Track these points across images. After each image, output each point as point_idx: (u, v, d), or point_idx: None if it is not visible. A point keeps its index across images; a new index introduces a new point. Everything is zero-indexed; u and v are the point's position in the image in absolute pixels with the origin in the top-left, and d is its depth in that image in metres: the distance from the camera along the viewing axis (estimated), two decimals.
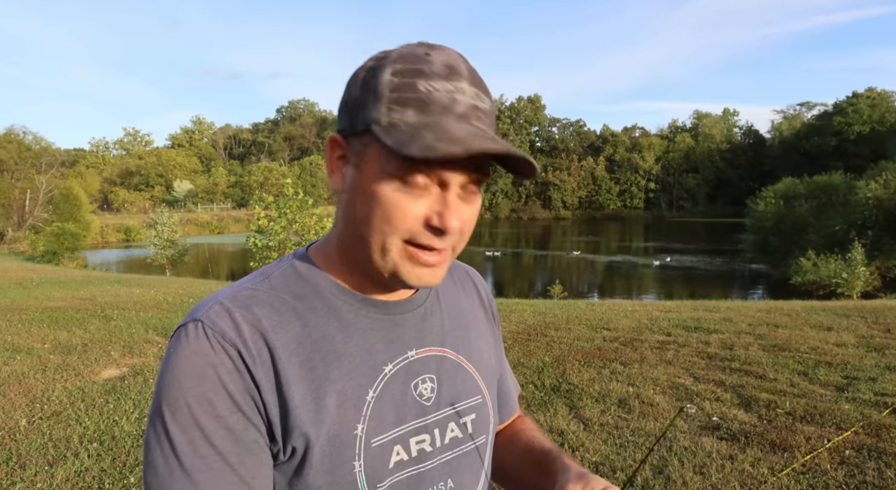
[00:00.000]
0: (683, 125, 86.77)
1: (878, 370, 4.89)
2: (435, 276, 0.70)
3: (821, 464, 3.22)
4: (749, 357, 5.38)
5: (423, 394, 0.76)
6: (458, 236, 0.68)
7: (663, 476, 3.11)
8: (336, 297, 0.74)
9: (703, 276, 26.24)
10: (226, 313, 0.68)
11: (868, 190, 25.75)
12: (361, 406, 0.71)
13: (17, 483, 3.12)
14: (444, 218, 0.64)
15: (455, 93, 0.64)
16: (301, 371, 0.68)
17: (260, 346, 0.67)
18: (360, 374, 0.72)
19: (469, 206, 0.68)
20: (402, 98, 0.63)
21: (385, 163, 0.64)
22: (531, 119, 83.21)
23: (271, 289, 0.73)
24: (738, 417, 3.92)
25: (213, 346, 0.66)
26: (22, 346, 6.22)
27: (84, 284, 12.58)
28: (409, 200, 0.64)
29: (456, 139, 0.60)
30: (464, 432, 0.80)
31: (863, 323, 6.79)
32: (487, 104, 0.67)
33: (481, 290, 0.95)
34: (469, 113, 0.64)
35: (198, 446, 0.64)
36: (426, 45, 0.68)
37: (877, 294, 16.48)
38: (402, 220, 0.65)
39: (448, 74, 0.64)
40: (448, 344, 0.82)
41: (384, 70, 0.65)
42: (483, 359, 0.86)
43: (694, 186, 79.64)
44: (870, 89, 68.25)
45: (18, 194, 38.78)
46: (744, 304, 9.27)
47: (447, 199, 0.65)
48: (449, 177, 0.64)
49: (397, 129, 0.62)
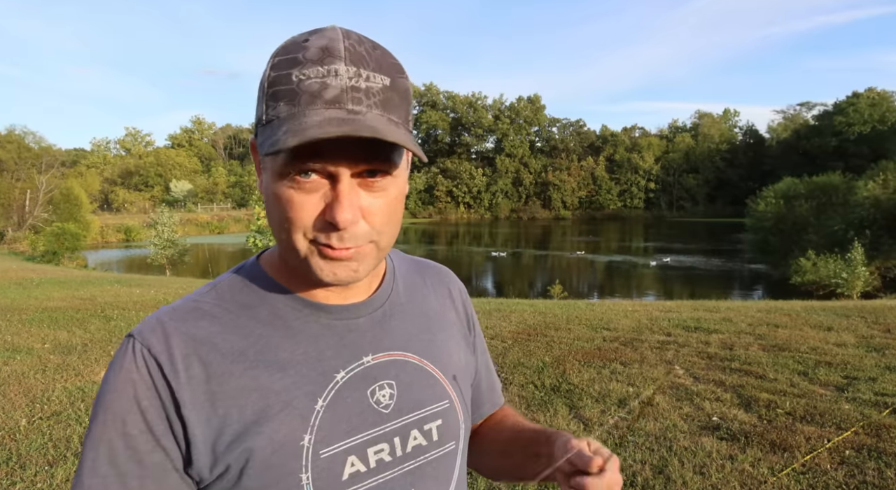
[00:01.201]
0: (683, 125, 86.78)
1: (878, 370, 4.89)
2: (352, 272, 0.66)
3: (821, 464, 3.22)
4: (749, 357, 5.38)
5: (381, 401, 0.73)
6: (367, 231, 0.64)
7: (663, 476, 3.12)
8: (283, 305, 0.71)
9: (703, 276, 26.23)
10: (159, 327, 0.67)
11: (867, 190, 25.77)
12: (309, 416, 0.67)
13: (17, 483, 3.12)
14: (334, 210, 0.61)
15: (327, 77, 0.59)
16: (241, 382, 0.66)
17: (191, 362, 0.65)
18: (307, 383, 0.69)
19: (375, 195, 0.64)
20: (276, 92, 0.61)
21: (273, 162, 0.62)
22: (531, 119, 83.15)
23: (216, 299, 0.71)
24: (738, 417, 3.92)
25: (136, 362, 0.64)
26: (22, 346, 6.22)
27: (84, 284, 12.58)
28: (301, 195, 0.62)
29: (300, 130, 0.56)
30: (428, 440, 0.76)
31: (863, 323, 6.79)
32: (379, 82, 0.62)
33: (454, 291, 0.91)
34: (342, 96, 0.59)
35: (99, 465, 0.63)
36: (315, 30, 0.64)
37: (877, 294, 16.47)
38: (298, 216, 0.62)
39: (321, 58, 0.60)
40: (411, 348, 0.78)
41: (268, 64, 0.63)
42: (452, 362, 0.83)
43: (694, 186, 79.62)
44: (870, 89, 68.25)
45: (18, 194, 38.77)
46: (744, 304, 9.27)
47: (337, 190, 0.61)
48: (333, 168, 0.61)
49: (269, 130, 0.60)
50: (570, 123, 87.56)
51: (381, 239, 0.67)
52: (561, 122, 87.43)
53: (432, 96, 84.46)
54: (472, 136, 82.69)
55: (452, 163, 79.88)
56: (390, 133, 0.59)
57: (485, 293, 20.68)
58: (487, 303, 9.61)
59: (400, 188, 0.67)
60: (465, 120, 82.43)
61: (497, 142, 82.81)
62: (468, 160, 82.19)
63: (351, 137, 0.56)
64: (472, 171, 79.10)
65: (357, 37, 0.63)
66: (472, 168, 79.66)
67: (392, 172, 0.64)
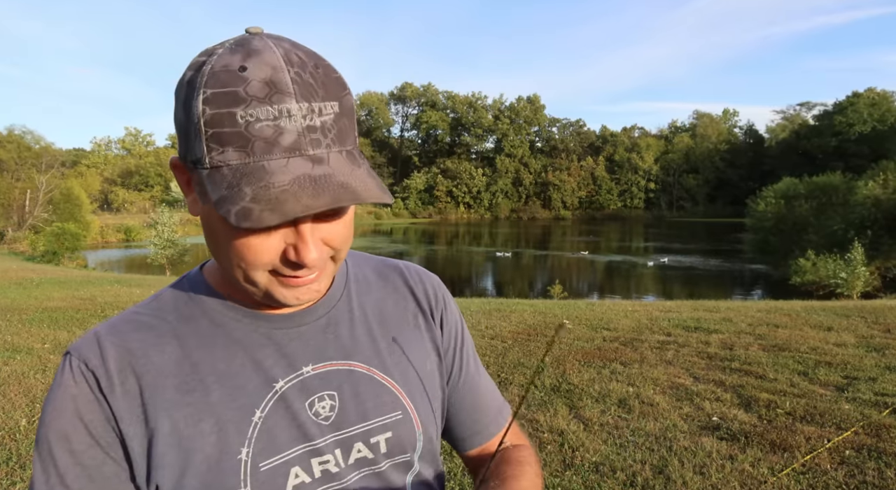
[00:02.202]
0: (682, 125, 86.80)
1: (878, 370, 4.89)
2: (317, 293, 0.66)
3: (821, 464, 3.22)
4: (749, 357, 5.38)
5: (320, 413, 0.69)
6: (328, 252, 0.63)
7: (663, 476, 3.12)
8: (223, 315, 0.69)
9: (702, 276, 26.24)
10: (94, 342, 0.66)
11: (868, 190, 25.78)
12: (246, 428, 0.65)
13: (17, 483, 3.12)
14: (301, 253, 0.59)
15: (280, 119, 0.54)
16: (176, 396, 0.64)
17: (125, 375, 0.64)
18: (244, 395, 0.66)
19: (334, 223, 0.62)
20: (219, 135, 0.55)
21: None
22: (531, 119, 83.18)
23: (156, 310, 0.70)
24: (738, 417, 3.92)
25: (74, 378, 0.63)
26: (22, 346, 6.22)
27: (84, 284, 12.58)
28: (261, 238, 0.59)
29: (275, 201, 0.53)
30: (375, 452, 0.73)
31: (863, 323, 6.79)
32: (331, 112, 0.57)
33: (419, 291, 0.84)
34: (300, 141, 0.55)
35: (52, 486, 0.62)
36: (245, 49, 0.56)
37: (877, 294, 16.48)
38: (257, 258, 0.60)
39: (269, 95, 0.54)
40: (358, 356, 0.74)
41: (197, 95, 0.55)
42: (410, 370, 0.77)
43: (694, 186, 79.68)
44: (870, 89, 68.29)
45: (18, 194, 38.77)
46: (744, 304, 9.27)
47: (301, 232, 0.59)
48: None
49: (219, 177, 0.55)
50: (569, 123, 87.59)
51: (339, 254, 0.65)
52: (561, 122, 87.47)
53: (432, 96, 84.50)
54: (472, 136, 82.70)
55: (452, 163, 79.90)
56: (364, 188, 0.56)
57: (485, 293, 20.69)
58: (487, 303, 9.61)
59: (352, 208, 0.65)
60: (465, 120, 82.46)
61: (497, 142, 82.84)
62: (468, 160, 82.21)
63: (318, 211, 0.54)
64: (472, 171, 79.12)
65: (298, 58, 0.57)
66: (472, 168, 79.68)
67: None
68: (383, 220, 69.44)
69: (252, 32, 0.59)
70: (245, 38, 0.58)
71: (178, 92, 0.59)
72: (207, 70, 0.56)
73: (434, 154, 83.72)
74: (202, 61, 0.58)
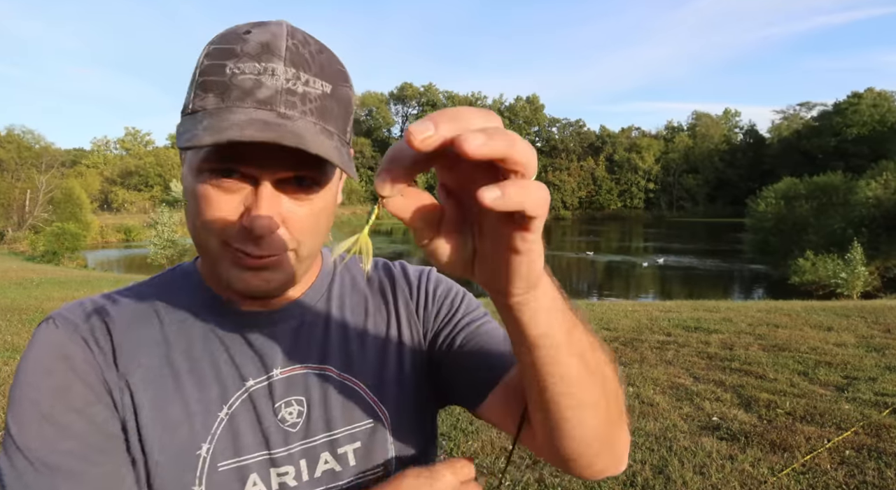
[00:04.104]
0: (680, 125, 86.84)
1: (878, 370, 4.89)
2: (266, 282, 0.61)
3: (821, 464, 3.22)
4: (749, 357, 5.38)
5: (287, 419, 0.66)
6: (287, 240, 0.60)
7: (663, 476, 3.12)
8: (204, 306, 0.68)
9: (702, 276, 26.23)
10: (79, 308, 0.65)
11: (868, 190, 25.77)
12: (211, 423, 0.63)
13: None
14: (251, 214, 0.57)
15: (263, 75, 0.56)
16: (147, 375, 0.62)
17: (107, 345, 0.63)
18: (213, 388, 0.64)
19: (300, 204, 0.60)
20: (206, 82, 0.57)
21: (193, 157, 0.59)
22: (530, 119, 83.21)
23: (142, 293, 0.69)
24: (738, 417, 3.92)
25: (66, 337, 0.62)
26: (22, 346, 6.21)
27: (84, 284, 12.58)
28: (219, 195, 0.58)
29: (219, 128, 0.52)
30: (343, 464, 0.68)
31: (863, 323, 6.79)
32: (318, 88, 0.58)
33: (400, 288, 0.79)
34: (275, 97, 0.56)
35: (55, 442, 0.58)
36: (257, 22, 0.60)
37: (877, 294, 16.47)
38: (213, 216, 0.58)
39: (260, 54, 0.56)
40: (331, 360, 0.70)
41: (203, 52, 0.59)
42: (387, 373, 0.72)
43: (694, 186, 79.68)
44: (870, 89, 68.28)
45: (18, 194, 38.78)
46: (744, 304, 9.28)
47: (257, 194, 0.58)
48: (255, 171, 0.57)
49: (192, 120, 0.56)
50: (569, 123, 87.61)
51: (301, 248, 0.62)
52: (560, 122, 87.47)
53: (432, 96, 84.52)
54: None
55: None
56: (317, 144, 0.54)
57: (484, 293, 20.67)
58: (488, 303, 9.56)
59: (327, 200, 0.63)
60: None
61: None
62: None
63: (260, 141, 0.52)
64: None
65: (303, 36, 0.60)
66: None
67: (321, 183, 0.61)
68: (383, 221, 69.26)
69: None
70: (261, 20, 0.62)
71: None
72: (218, 34, 0.60)
73: None
74: (216, 35, 0.61)
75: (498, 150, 0.34)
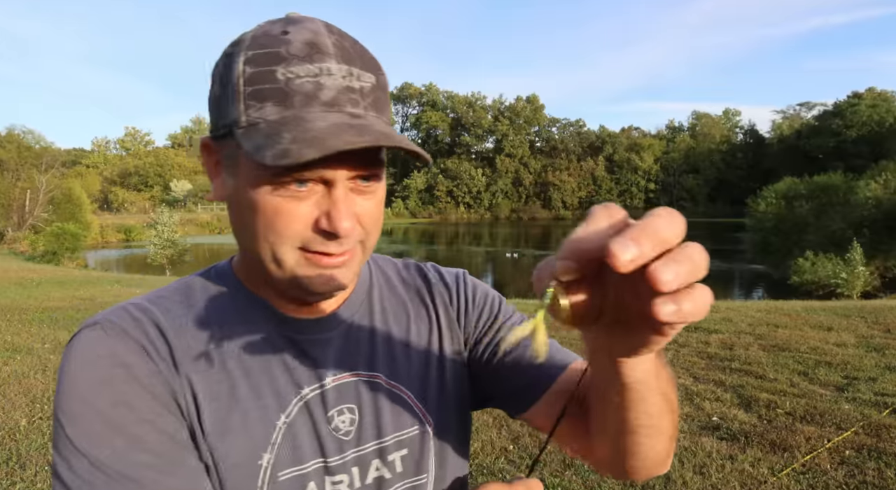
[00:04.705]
0: (681, 125, 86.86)
1: (878, 370, 4.89)
2: (343, 279, 0.61)
3: (821, 464, 3.22)
4: (749, 357, 5.38)
5: (340, 427, 0.66)
6: (359, 234, 0.61)
7: (663, 476, 3.12)
8: (250, 310, 0.66)
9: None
10: (126, 313, 0.62)
11: (868, 190, 25.77)
12: (270, 432, 0.62)
13: (17, 483, 3.12)
14: (333, 219, 0.57)
15: (320, 76, 0.55)
16: (206, 381, 0.61)
17: (163, 349, 0.60)
18: (269, 395, 0.63)
19: (367, 198, 0.61)
20: (258, 91, 0.55)
21: (257, 168, 0.56)
22: (530, 119, 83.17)
23: (183, 295, 0.66)
24: (738, 417, 3.92)
25: (121, 344, 0.59)
26: (22, 346, 6.22)
27: (84, 284, 12.59)
28: (292, 204, 0.57)
29: (314, 139, 0.52)
30: (392, 471, 0.68)
31: (863, 323, 6.79)
32: (368, 81, 0.58)
33: (438, 291, 0.79)
34: (339, 98, 0.56)
35: (129, 454, 0.55)
36: (286, 20, 0.59)
37: (877, 294, 16.48)
38: (288, 226, 0.57)
39: (310, 54, 0.55)
40: (380, 367, 0.70)
41: (237, 59, 0.57)
42: (430, 381, 0.73)
43: (694, 187, 79.67)
44: (870, 89, 68.28)
45: (18, 194, 38.77)
46: (744, 304, 9.28)
47: (334, 197, 0.57)
48: (331, 174, 0.56)
49: (256, 131, 0.55)
50: (569, 123, 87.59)
51: (369, 239, 0.63)
52: (560, 122, 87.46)
53: (432, 96, 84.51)
54: (472, 136, 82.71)
55: (452, 163, 79.86)
56: (403, 139, 0.56)
57: None
58: None
59: (384, 189, 0.64)
60: (464, 120, 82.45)
61: (497, 142, 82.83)
62: (468, 160, 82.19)
63: (360, 148, 0.53)
64: (471, 172, 79.10)
65: (338, 30, 0.60)
66: (472, 168, 79.66)
67: (381, 176, 0.62)
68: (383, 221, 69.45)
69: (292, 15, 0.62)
70: (285, 16, 0.61)
71: (214, 69, 0.61)
72: (248, 38, 0.58)
73: (434, 154, 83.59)
74: (241, 38, 0.59)
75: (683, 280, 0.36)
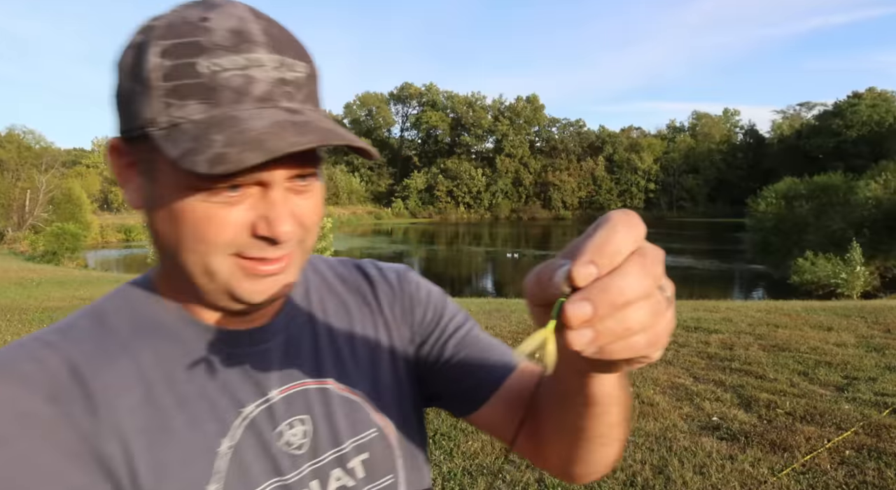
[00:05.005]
0: (682, 125, 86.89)
1: (878, 370, 4.89)
2: (283, 285, 0.57)
3: (821, 464, 3.22)
4: (749, 357, 5.38)
5: (292, 441, 0.61)
6: (299, 235, 0.56)
7: (663, 476, 3.12)
8: (179, 329, 0.59)
9: (702, 276, 26.23)
10: (24, 352, 0.53)
11: (868, 190, 25.79)
12: (212, 460, 0.56)
13: None
14: (273, 224, 0.52)
15: (250, 68, 0.49)
16: (133, 419, 0.54)
17: (72, 387, 0.52)
18: (210, 421, 0.57)
19: (305, 197, 0.56)
20: (179, 87, 0.49)
21: (181, 173, 0.49)
22: (530, 119, 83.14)
23: (99, 320, 0.58)
24: (738, 417, 3.92)
25: (18, 392, 0.50)
26: None
27: (84, 284, 12.59)
28: (224, 210, 0.51)
29: (254, 141, 0.47)
30: (354, 478, 0.65)
31: (863, 323, 6.80)
32: (302, 71, 0.53)
33: (381, 289, 0.75)
34: (273, 91, 0.50)
35: None
36: (205, 4, 0.52)
37: (877, 294, 16.49)
38: (220, 234, 0.51)
39: (236, 44, 0.49)
40: (328, 372, 0.66)
41: (150, 49, 0.50)
42: (381, 379, 0.70)
43: (694, 186, 79.67)
44: (870, 89, 68.29)
45: (19, 194, 38.78)
46: (744, 304, 9.28)
47: (272, 200, 0.52)
48: (268, 176, 0.51)
49: (180, 133, 0.49)
50: (569, 123, 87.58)
51: (308, 240, 0.59)
52: (560, 122, 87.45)
53: (432, 96, 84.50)
54: (472, 136, 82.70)
55: (452, 163, 79.86)
56: (347, 135, 0.51)
57: (484, 293, 20.69)
58: (487, 303, 9.61)
59: (322, 186, 0.59)
60: (464, 120, 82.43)
61: (497, 142, 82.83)
62: (468, 160, 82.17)
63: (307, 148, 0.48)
64: (472, 172, 79.08)
65: (264, 15, 0.53)
66: (472, 168, 79.64)
67: (318, 173, 0.57)
68: (383, 220, 69.45)
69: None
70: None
71: (120, 59, 0.53)
72: (161, 25, 0.51)
73: (434, 154, 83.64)
74: (151, 25, 0.52)
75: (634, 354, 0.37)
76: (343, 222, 57.20)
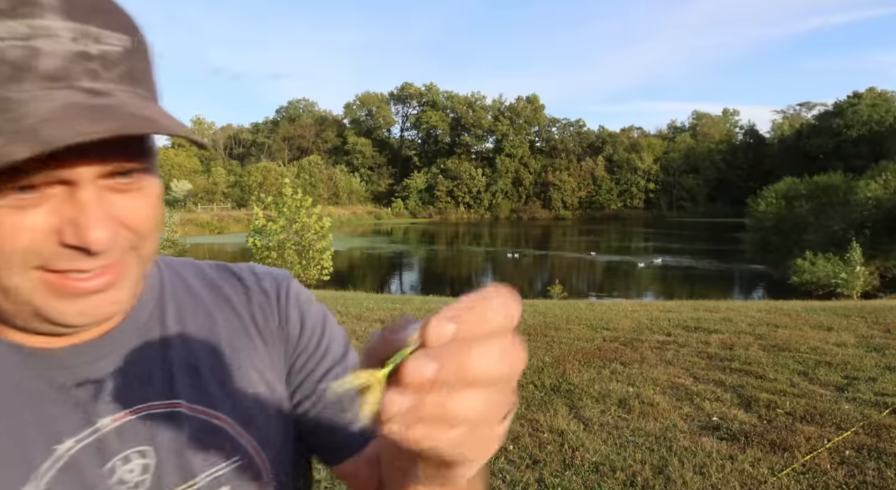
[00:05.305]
0: (682, 125, 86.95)
1: (878, 370, 4.89)
2: (112, 304, 0.48)
3: (821, 464, 3.22)
4: (749, 357, 5.38)
5: (126, 479, 0.51)
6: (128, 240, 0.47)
7: (663, 476, 3.12)
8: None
9: (702, 276, 26.25)
10: None
11: (868, 190, 25.82)
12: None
13: None
14: (81, 229, 0.42)
15: (34, 38, 0.40)
16: None
17: None
18: (13, 464, 0.47)
19: (133, 197, 0.46)
20: None
21: None
22: (530, 119, 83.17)
23: None
24: (738, 417, 3.92)
25: None
26: None
27: None
28: (16, 217, 0.42)
29: (27, 129, 0.38)
30: None
31: (863, 323, 6.80)
32: (117, 44, 0.43)
33: (256, 295, 0.64)
34: (70, 68, 0.41)
35: None
36: None
37: (877, 294, 16.50)
38: (13, 245, 0.42)
39: (14, 7, 0.40)
40: (180, 392, 0.55)
41: None
42: (248, 397, 0.59)
43: (694, 186, 79.73)
44: (870, 89, 68.32)
45: None
46: (744, 304, 9.29)
47: (80, 201, 0.43)
48: (70, 174, 0.42)
49: None
50: (569, 123, 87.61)
51: (144, 245, 0.49)
52: (560, 122, 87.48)
53: (432, 96, 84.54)
54: (472, 136, 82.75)
55: (452, 163, 79.88)
56: (166, 119, 0.43)
57: None
58: None
59: (158, 183, 0.50)
60: (464, 120, 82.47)
61: (497, 142, 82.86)
62: (468, 160, 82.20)
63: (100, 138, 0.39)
64: (472, 172, 79.09)
65: None
66: (472, 168, 79.65)
67: (152, 166, 0.48)
68: (383, 221, 69.46)
69: None
70: None
71: None
72: None
73: (434, 154, 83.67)
74: None
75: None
76: (343, 222, 57.18)
